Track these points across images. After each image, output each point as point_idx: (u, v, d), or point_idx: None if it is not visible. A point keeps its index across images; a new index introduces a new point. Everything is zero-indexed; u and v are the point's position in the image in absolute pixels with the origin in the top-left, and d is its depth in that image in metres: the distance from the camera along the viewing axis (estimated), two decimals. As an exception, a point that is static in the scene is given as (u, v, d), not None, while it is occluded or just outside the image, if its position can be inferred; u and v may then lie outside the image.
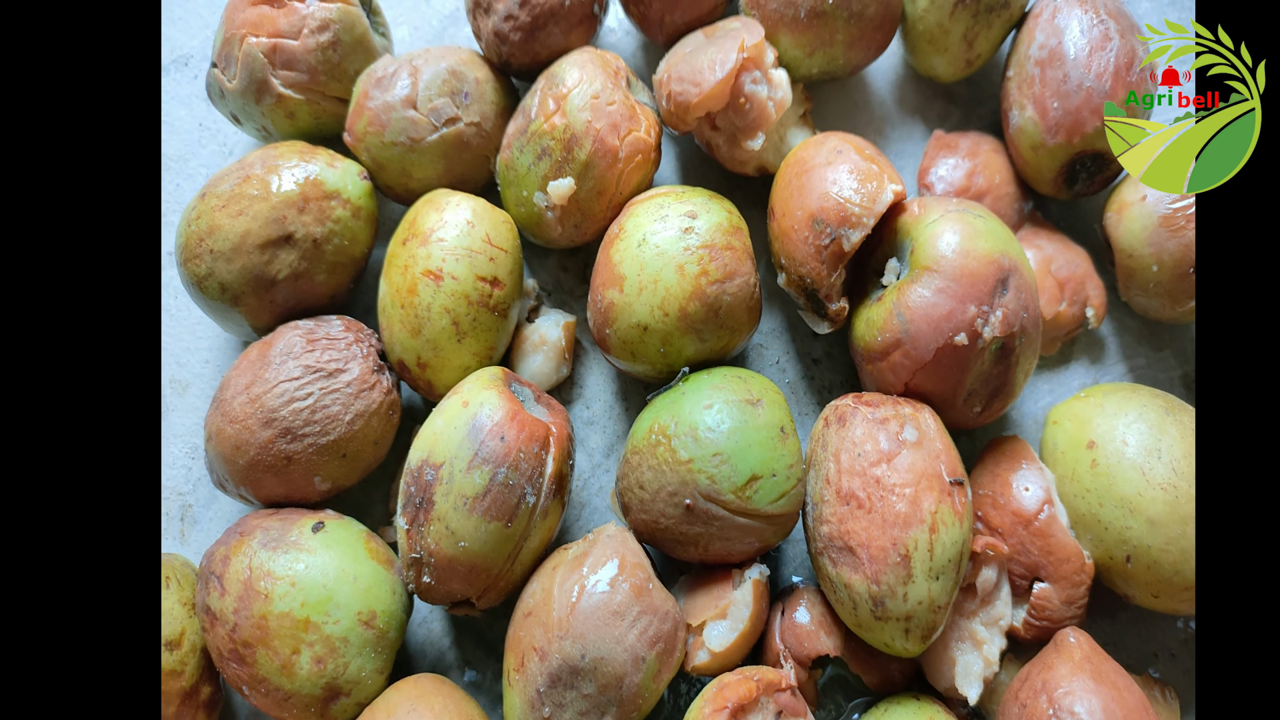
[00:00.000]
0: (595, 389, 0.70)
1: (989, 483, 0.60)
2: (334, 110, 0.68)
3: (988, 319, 0.55)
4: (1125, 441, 0.57)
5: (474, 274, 0.61)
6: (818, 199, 0.59)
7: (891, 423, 0.56)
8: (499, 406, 0.56)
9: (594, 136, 0.62)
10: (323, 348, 0.61)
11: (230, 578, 0.56)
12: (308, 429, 0.59)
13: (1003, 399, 0.59)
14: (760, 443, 0.56)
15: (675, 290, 0.59)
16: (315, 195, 0.62)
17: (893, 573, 0.52)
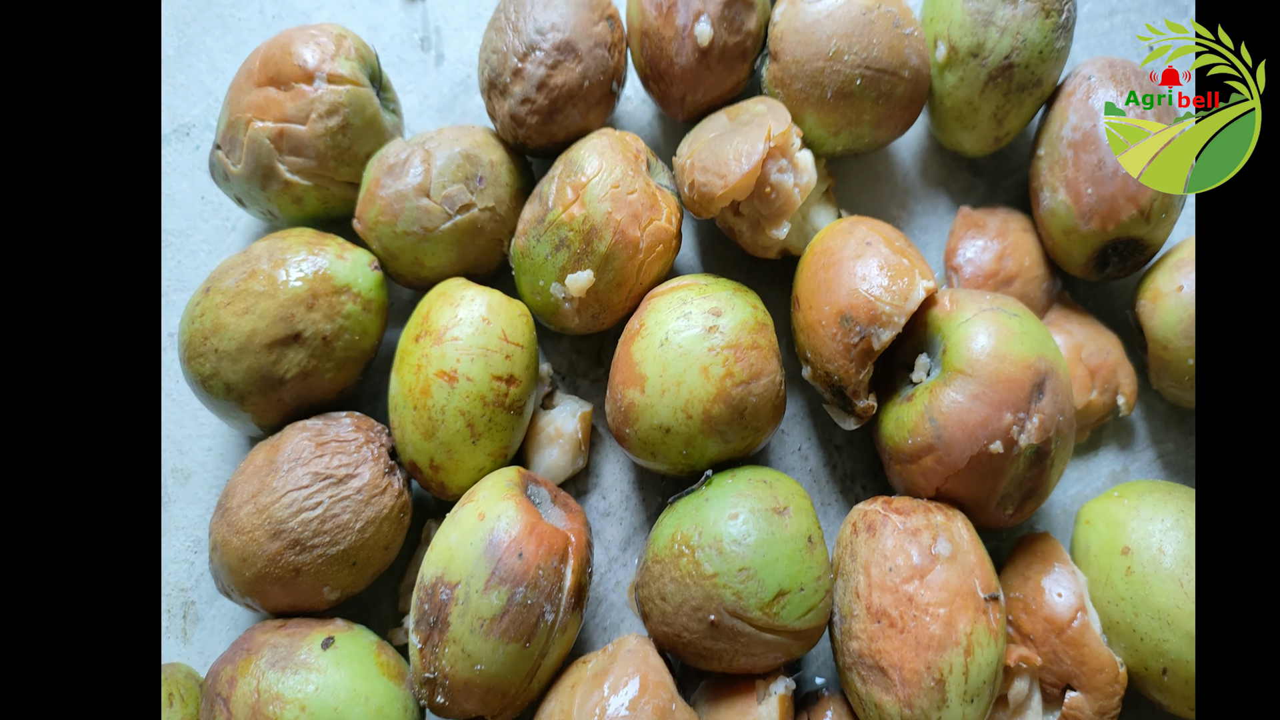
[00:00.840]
0: (612, 479, 0.68)
1: (1020, 585, 0.58)
2: (343, 194, 0.66)
3: (1024, 426, 0.54)
4: (1162, 550, 0.55)
5: (489, 374, 0.59)
6: (846, 295, 0.57)
7: (924, 534, 0.54)
8: (516, 520, 0.54)
9: (614, 228, 0.60)
10: (332, 452, 0.59)
11: (237, 701, 0.54)
12: (317, 540, 0.57)
13: (1036, 500, 0.57)
14: (788, 555, 0.54)
15: (699, 393, 0.57)
16: (324, 291, 0.60)
17: (926, 697, 0.51)
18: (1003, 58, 0.64)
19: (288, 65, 0.64)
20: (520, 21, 0.64)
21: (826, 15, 0.63)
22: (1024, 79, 0.65)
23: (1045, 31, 0.63)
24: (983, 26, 0.64)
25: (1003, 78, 0.64)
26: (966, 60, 0.65)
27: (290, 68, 0.64)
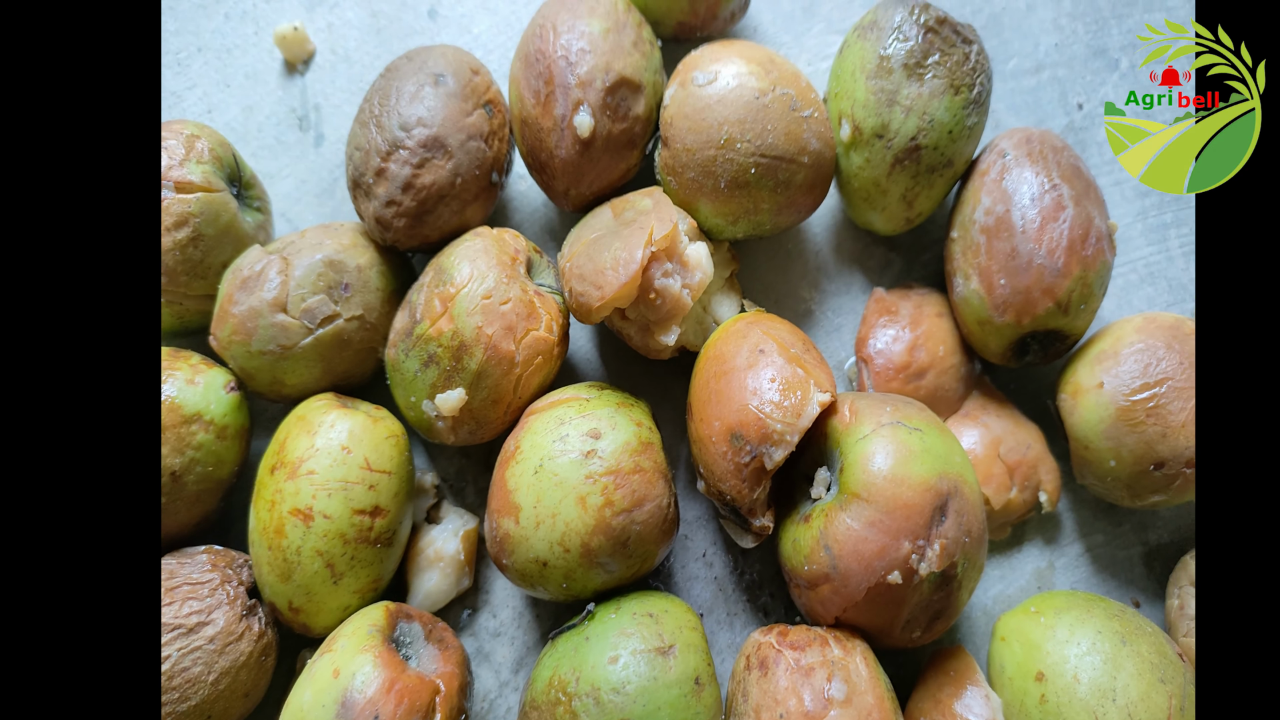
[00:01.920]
0: (503, 595, 0.63)
1: (931, 709, 0.54)
2: (200, 307, 0.61)
3: (924, 554, 0.49)
4: (1077, 678, 0.50)
5: (350, 509, 0.54)
6: (737, 410, 0.53)
7: (818, 674, 0.50)
8: (373, 676, 0.49)
9: (485, 344, 0.55)
10: (182, 598, 0.54)
11: None
12: (166, 697, 0.52)
13: (944, 620, 0.53)
14: (671, 703, 0.49)
15: (576, 524, 0.52)
16: (173, 422, 0.55)
17: None
18: (909, 139, 0.59)
19: (135, 169, 0.59)
20: (384, 116, 0.59)
21: (717, 100, 0.58)
22: (933, 160, 0.60)
23: (954, 109, 0.59)
24: (887, 106, 0.59)
25: (910, 159, 0.60)
26: (871, 141, 0.60)
27: (137, 171, 0.59)
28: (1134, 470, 0.55)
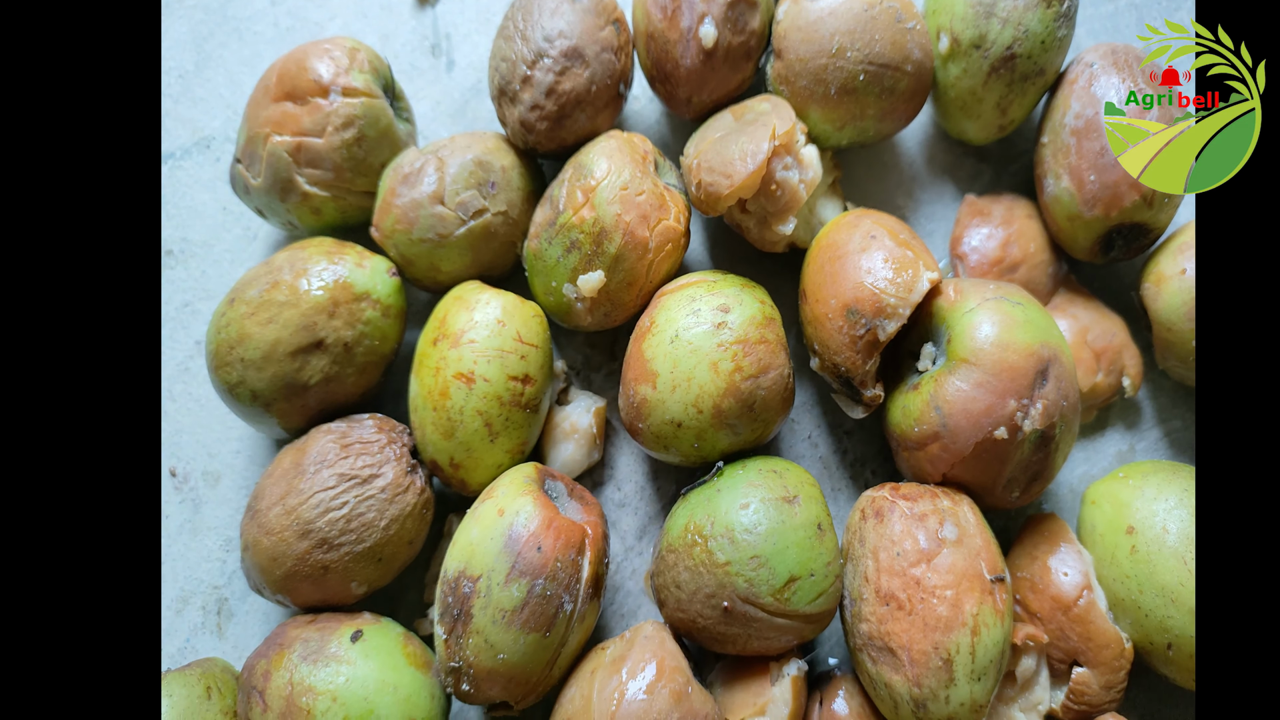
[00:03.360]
0: (627, 470, 0.70)
1: (1027, 565, 0.59)
2: (360, 203, 0.68)
3: (1028, 412, 0.55)
4: (1166, 529, 0.56)
5: (506, 374, 0.61)
6: (852, 288, 0.58)
7: (930, 519, 0.56)
8: (534, 515, 0.56)
9: (624, 229, 0.61)
10: (356, 453, 0.61)
11: (272, 693, 0.57)
12: (344, 538, 0.59)
13: (1041, 483, 0.59)
14: (798, 543, 0.55)
15: (709, 388, 0.58)
16: (345, 299, 0.62)
17: (934, 676, 0.52)
18: (1005, 49, 0.64)
19: (303, 80, 0.66)
20: (528, 30, 0.65)
21: (829, 13, 0.64)
22: (1026, 69, 0.65)
23: (1047, 21, 0.64)
24: (984, 18, 0.65)
25: (1005, 68, 0.65)
26: (969, 52, 0.66)
27: (306, 82, 0.66)
28: (1216, 348, 0.60)
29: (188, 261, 0.77)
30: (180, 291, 0.76)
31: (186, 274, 0.76)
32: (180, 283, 0.76)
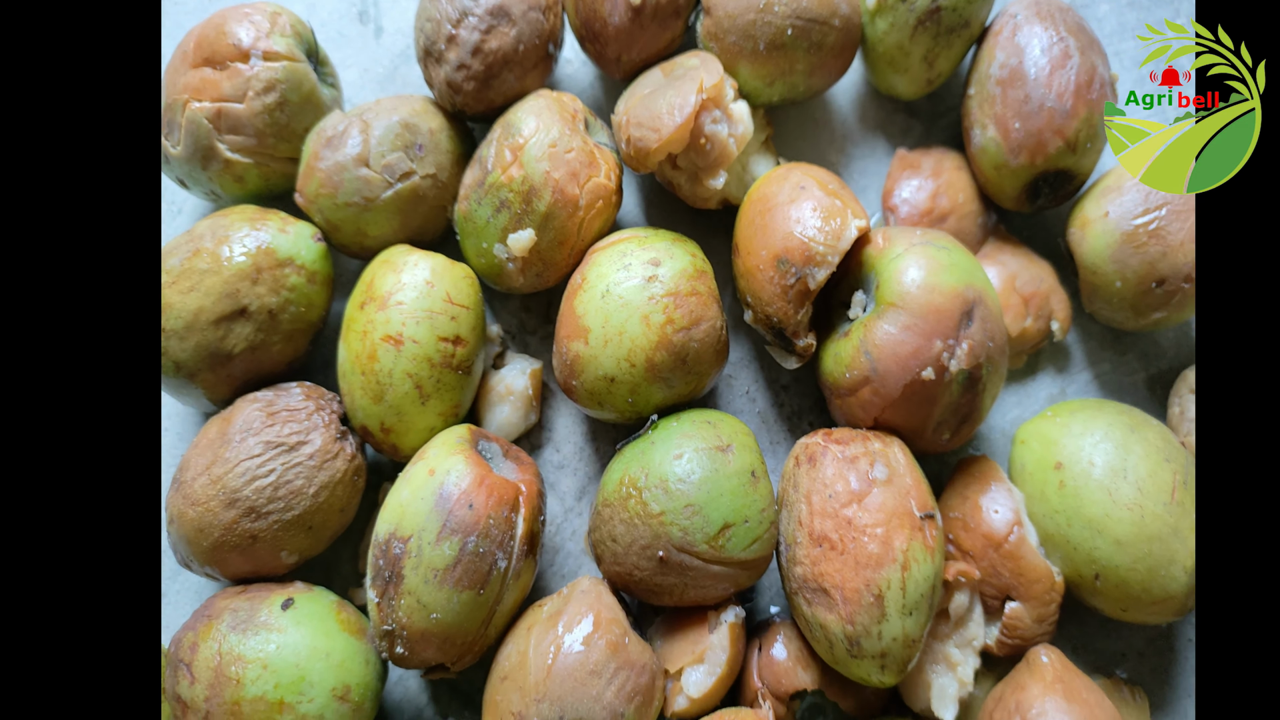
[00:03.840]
0: (565, 432, 0.69)
1: (959, 505, 0.60)
2: (284, 170, 0.67)
3: (954, 352, 0.55)
4: (1092, 462, 0.57)
5: (435, 335, 0.60)
6: (782, 238, 0.58)
7: (861, 461, 0.56)
8: (465, 473, 0.56)
9: (553, 187, 0.61)
10: (283, 420, 0.60)
11: (200, 665, 0.55)
12: (271, 506, 0.58)
13: (971, 424, 0.59)
14: (731, 490, 0.55)
15: (641, 341, 0.58)
16: (268, 265, 0.61)
17: (867, 613, 0.52)
18: (930, 1, 0.65)
19: (222, 45, 0.64)
20: (450, -12, 0.64)
21: (755, -33, 0.64)
22: (952, 21, 0.66)
23: (970, -27, 0.65)
24: (907, -29, 0.65)
25: (931, 21, 0.66)
26: (895, 6, 0.66)
27: (225, 47, 0.64)
28: (1138, 289, 0.61)
29: (112, 238, 0.75)
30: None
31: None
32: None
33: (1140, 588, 0.55)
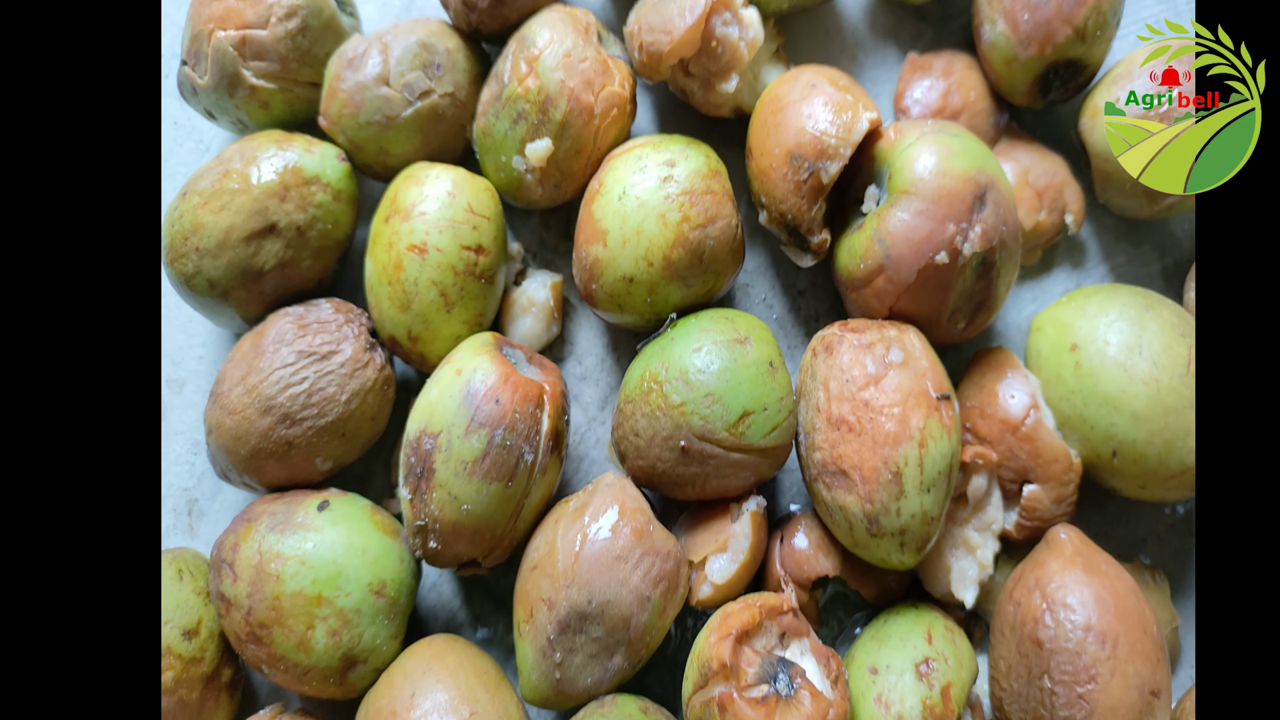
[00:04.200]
0: (586, 345, 0.71)
1: (976, 394, 0.61)
2: (307, 96, 0.69)
3: (967, 236, 0.56)
4: (1107, 341, 0.57)
5: (458, 244, 0.61)
6: (794, 134, 0.59)
7: (877, 346, 0.57)
8: (491, 371, 0.57)
9: (568, 95, 0.62)
10: (314, 332, 0.62)
11: (241, 563, 0.58)
12: (305, 413, 0.60)
13: (986, 313, 0.60)
14: (750, 379, 0.57)
15: (658, 240, 0.59)
16: (295, 183, 0.63)
17: (885, 490, 0.53)
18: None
19: (243, -27, 0.66)
20: (461, -94, 0.66)
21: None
22: (957, -81, 0.66)
23: None
24: None
25: (935, -80, 0.66)
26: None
27: (245, -25, 0.66)
28: (1151, 173, 0.61)
29: (145, 178, 0.77)
30: (139, 207, 0.76)
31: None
32: (139, 199, 0.77)
33: (1158, 461, 0.55)
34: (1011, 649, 0.55)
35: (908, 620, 0.58)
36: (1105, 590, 0.53)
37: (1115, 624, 0.52)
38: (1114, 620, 0.52)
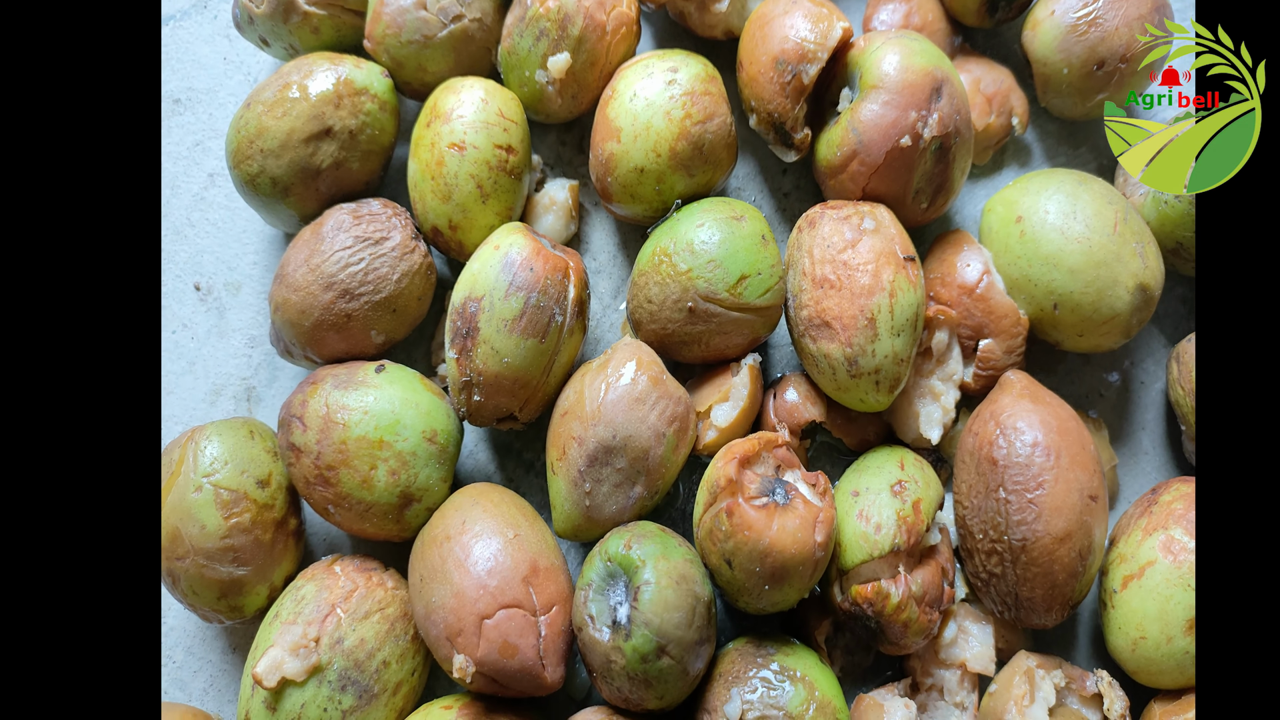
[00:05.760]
0: (600, 243, 0.81)
1: (937, 267, 0.71)
2: (352, 22, 0.78)
3: (926, 121, 0.66)
4: (1047, 211, 0.67)
5: (492, 142, 0.71)
6: (778, 43, 0.69)
7: (853, 218, 0.67)
8: (525, 245, 0.67)
9: (584, 13, 0.72)
10: (367, 221, 0.71)
11: (310, 415, 0.66)
12: (363, 289, 0.69)
13: (944, 195, 0.70)
14: (746, 248, 0.67)
15: (664, 133, 0.69)
16: (348, 92, 0.72)
17: (862, 334, 0.64)
18: None
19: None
20: None
21: None
22: None
23: None
24: None
25: None
26: None
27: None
28: (1082, 73, 0.72)
29: (195, 108, 0.86)
30: (190, 134, 0.86)
31: (195, 118, 0.86)
32: (189, 126, 0.86)
33: (1092, 309, 0.66)
34: (971, 472, 0.65)
35: (883, 455, 0.68)
36: (1050, 414, 0.63)
37: (1058, 440, 0.62)
38: (1057, 437, 0.62)
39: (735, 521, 0.59)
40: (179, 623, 0.75)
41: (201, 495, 0.65)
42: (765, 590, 0.60)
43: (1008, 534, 0.61)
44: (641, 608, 0.58)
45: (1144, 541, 0.63)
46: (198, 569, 0.65)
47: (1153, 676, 0.62)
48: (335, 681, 0.63)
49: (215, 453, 0.67)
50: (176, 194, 0.84)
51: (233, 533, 0.65)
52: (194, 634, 0.75)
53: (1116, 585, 0.64)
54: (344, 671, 0.63)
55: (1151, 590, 0.61)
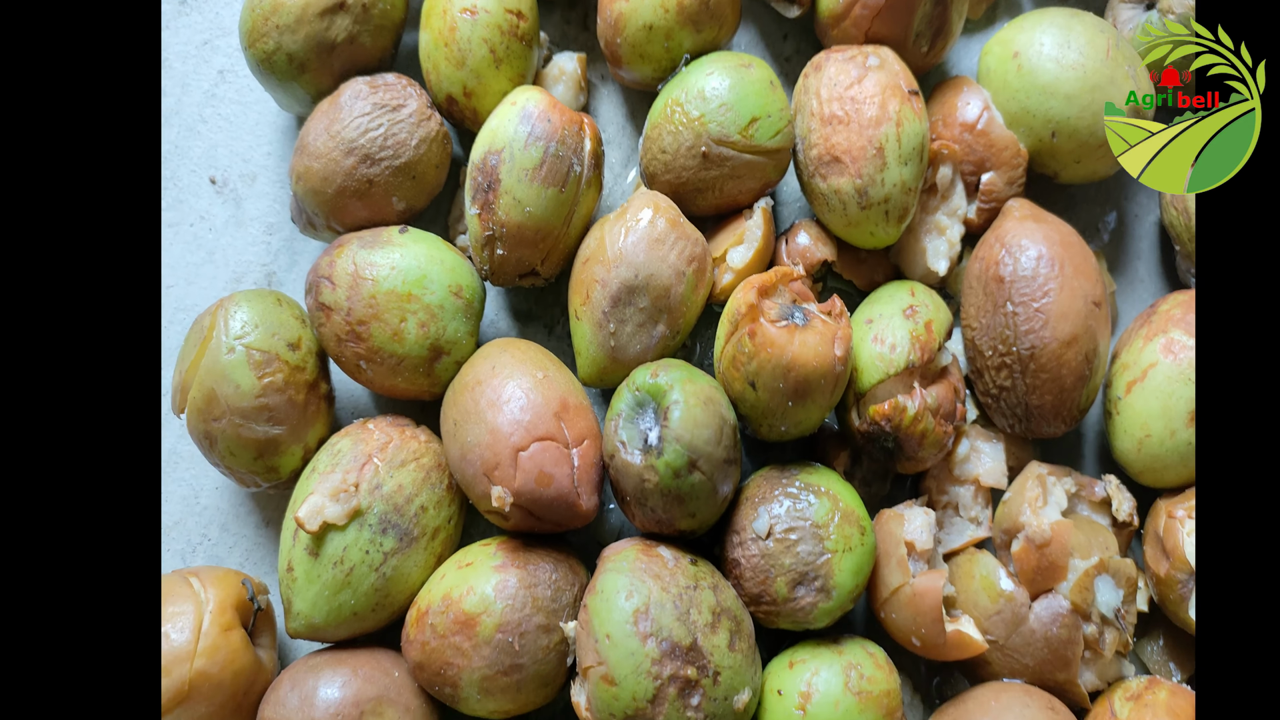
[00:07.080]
0: (609, 115, 0.83)
1: (939, 110, 0.74)
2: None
3: (924, -33, 0.68)
4: (1042, 44, 0.70)
5: (502, 7, 0.73)
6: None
7: (858, 57, 0.69)
8: (542, 99, 0.69)
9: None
10: (384, 90, 0.73)
11: (338, 274, 0.68)
12: (383, 153, 0.71)
13: (944, 38, 0.72)
14: (755, 93, 0.69)
15: (672, -14, 0.71)
16: (361, -31, 0.74)
17: (871, 164, 0.66)
18: None
19: None
20: None
21: None
22: None
23: None
24: None
25: None
26: None
27: None
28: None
29: (201, 7, 0.87)
30: (199, 33, 0.87)
31: (202, 18, 0.87)
32: (198, 25, 0.87)
33: (1089, 133, 0.68)
34: (979, 294, 0.68)
35: (894, 287, 0.71)
36: (1052, 230, 0.66)
37: (1061, 251, 0.65)
38: (1060, 249, 0.65)
39: (758, 341, 0.62)
40: (212, 501, 0.78)
41: (235, 357, 0.67)
42: (789, 409, 0.63)
43: (1016, 345, 0.64)
44: (672, 425, 0.60)
45: (1145, 348, 0.66)
46: (234, 429, 0.67)
47: (1157, 474, 0.65)
48: (376, 525, 0.65)
49: (245, 317, 0.69)
50: (188, 91, 0.86)
51: (267, 391, 0.67)
52: (227, 511, 0.78)
53: (1121, 392, 0.67)
54: (384, 515, 0.66)
55: (1154, 390, 0.64)
